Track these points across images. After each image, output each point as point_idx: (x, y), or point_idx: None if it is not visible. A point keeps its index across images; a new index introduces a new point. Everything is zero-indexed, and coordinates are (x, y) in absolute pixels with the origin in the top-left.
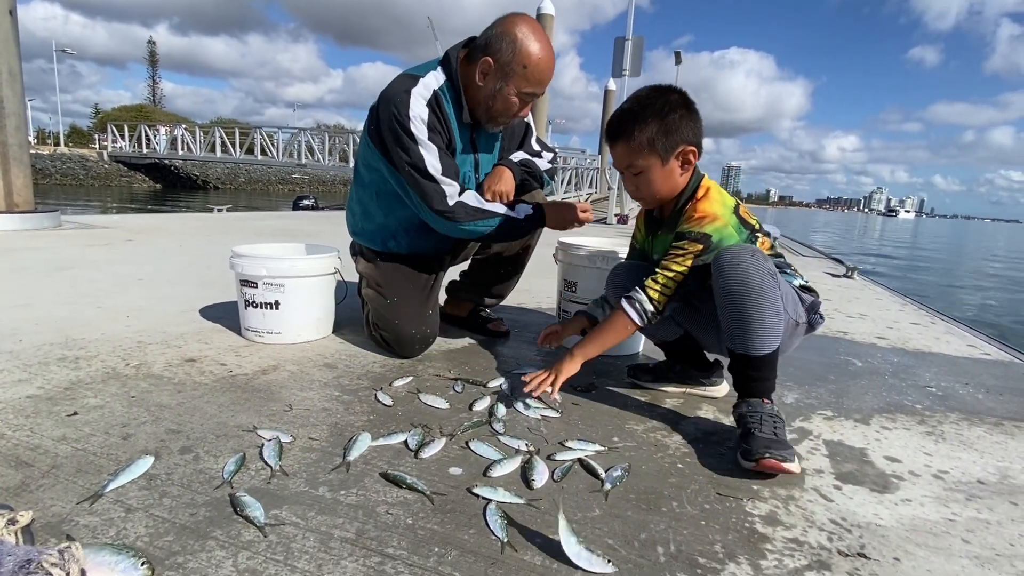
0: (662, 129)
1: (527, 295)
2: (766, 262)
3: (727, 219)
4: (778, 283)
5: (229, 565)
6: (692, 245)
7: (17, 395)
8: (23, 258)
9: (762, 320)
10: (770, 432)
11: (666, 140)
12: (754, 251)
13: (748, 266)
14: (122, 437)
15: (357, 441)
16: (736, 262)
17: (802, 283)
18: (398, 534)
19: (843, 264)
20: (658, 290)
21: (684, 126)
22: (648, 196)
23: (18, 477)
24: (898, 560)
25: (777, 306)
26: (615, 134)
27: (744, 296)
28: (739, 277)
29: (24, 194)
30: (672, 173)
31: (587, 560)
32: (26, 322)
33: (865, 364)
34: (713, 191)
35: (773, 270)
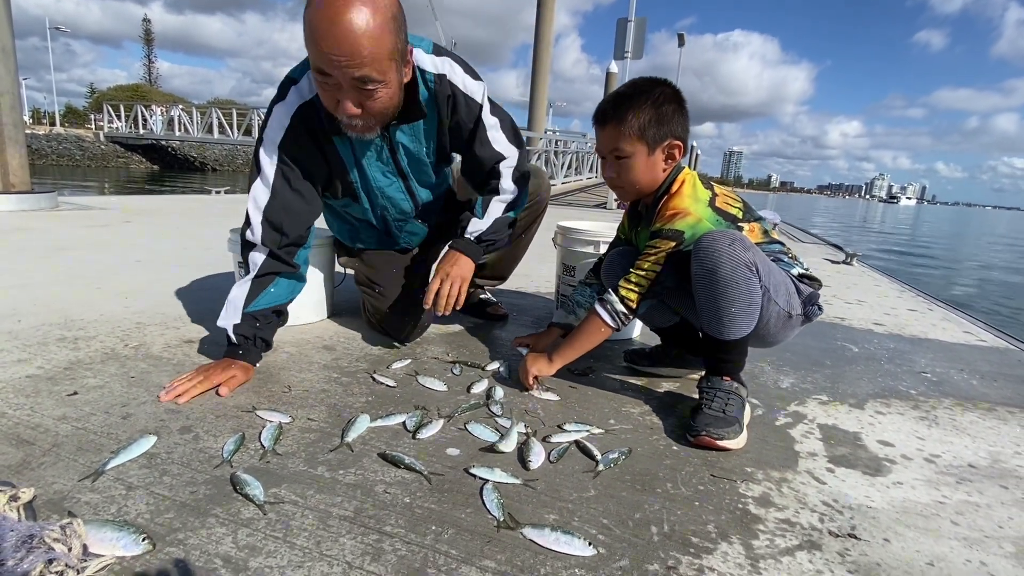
0: (655, 118)
1: (526, 279)
2: (745, 252)
3: (700, 213)
4: (755, 273)
5: (229, 541)
6: (664, 243)
7: (17, 375)
8: (20, 239)
9: (731, 309)
10: (718, 410)
11: (657, 130)
12: (733, 239)
13: (720, 255)
14: (122, 417)
15: (356, 422)
16: (710, 250)
17: (802, 271)
18: (396, 512)
19: (842, 250)
20: (631, 289)
21: (676, 120)
22: (627, 185)
23: (19, 455)
24: (888, 541)
25: (749, 296)
26: (606, 116)
27: (714, 285)
28: (709, 265)
29: (20, 174)
30: (655, 165)
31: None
32: (25, 302)
33: (862, 350)
34: (686, 186)
35: (751, 260)
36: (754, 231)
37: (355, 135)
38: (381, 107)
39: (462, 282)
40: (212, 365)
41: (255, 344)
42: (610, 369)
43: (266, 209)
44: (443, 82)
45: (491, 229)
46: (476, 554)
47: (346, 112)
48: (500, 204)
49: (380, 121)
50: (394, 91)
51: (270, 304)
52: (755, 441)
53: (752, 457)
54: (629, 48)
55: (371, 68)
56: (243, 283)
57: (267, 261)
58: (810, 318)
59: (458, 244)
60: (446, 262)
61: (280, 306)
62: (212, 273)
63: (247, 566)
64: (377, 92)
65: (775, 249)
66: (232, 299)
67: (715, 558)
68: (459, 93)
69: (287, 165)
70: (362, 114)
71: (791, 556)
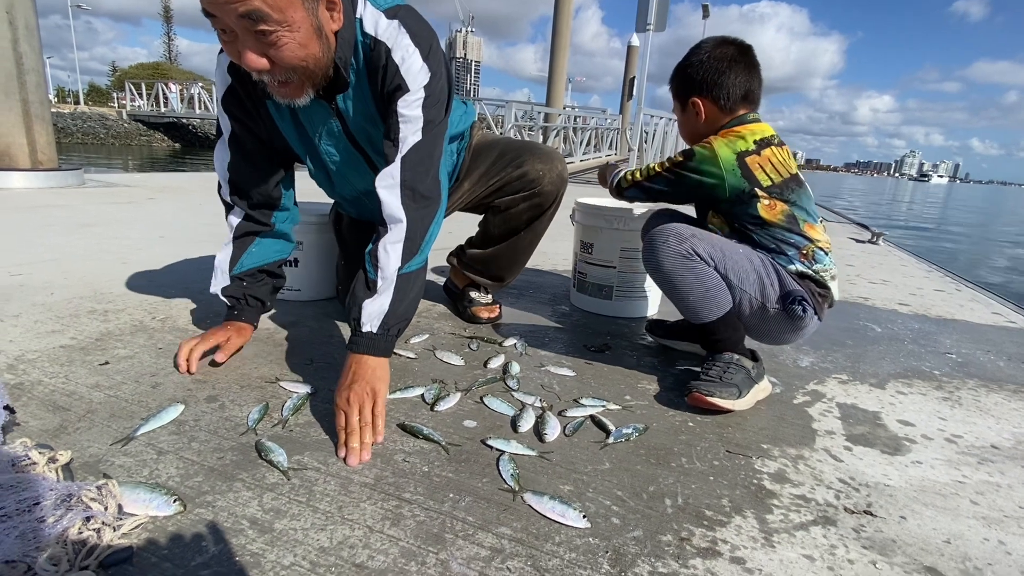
0: (679, 77)
1: (543, 257)
2: (680, 244)
3: (720, 152)
4: (698, 260)
5: (255, 504)
6: (680, 155)
7: (51, 344)
8: (50, 215)
9: (688, 298)
10: (715, 376)
11: (679, 88)
12: (668, 235)
13: (656, 251)
14: (151, 386)
15: None
16: (648, 248)
17: (804, 270)
18: (415, 480)
19: (868, 229)
20: (633, 172)
21: (701, 76)
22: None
23: (56, 420)
24: (904, 519)
25: (700, 283)
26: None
27: (662, 280)
28: (652, 264)
29: (48, 152)
30: (689, 120)
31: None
32: (56, 276)
33: (885, 330)
34: (732, 134)
35: (688, 250)
36: (773, 208)
37: (283, 100)
38: (291, 56)
39: (375, 397)
40: (210, 331)
41: (248, 304)
42: (627, 346)
43: (228, 168)
44: (379, 50)
45: (395, 304)
46: (492, 521)
47: (249, 64)
48: (393, 251)
49: (304, 79)
50: (305, 37)
51: (255, 264)
52: (772, 419)
53: (768, 434)
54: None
55: (260, 1)
56: (225, 247)
57: (242, 223)
58: (792, 317)
59: (356, 344)
60: (345, 382)
61: (266, 265)
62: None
63: (272, 528)
64: (279, 37)
65: (786, 238)
66: (218, 264)
67: (728, 531)
68: (392, 67)
69: (236, 122)
70: (272, 68)
71: (805, 531)
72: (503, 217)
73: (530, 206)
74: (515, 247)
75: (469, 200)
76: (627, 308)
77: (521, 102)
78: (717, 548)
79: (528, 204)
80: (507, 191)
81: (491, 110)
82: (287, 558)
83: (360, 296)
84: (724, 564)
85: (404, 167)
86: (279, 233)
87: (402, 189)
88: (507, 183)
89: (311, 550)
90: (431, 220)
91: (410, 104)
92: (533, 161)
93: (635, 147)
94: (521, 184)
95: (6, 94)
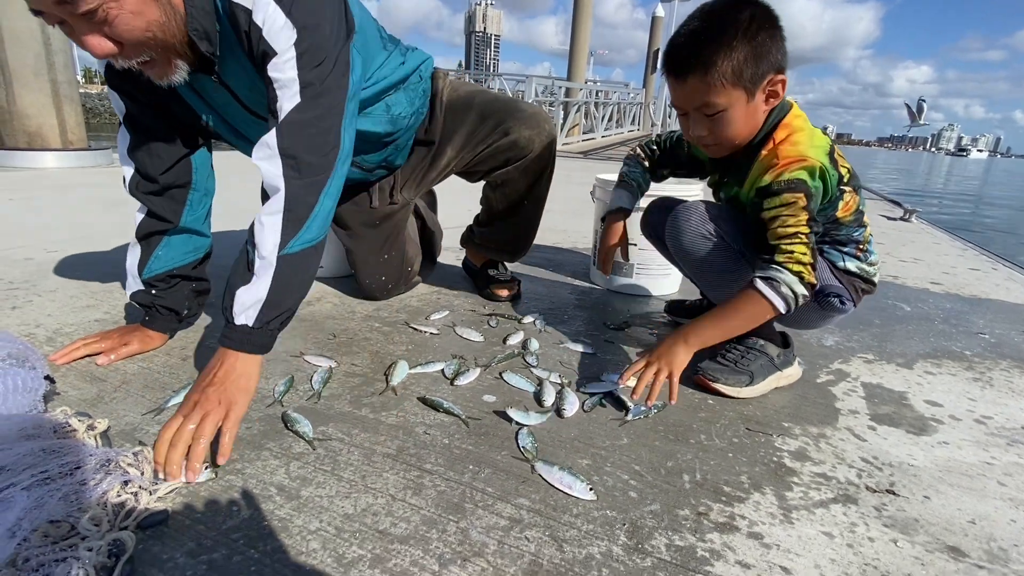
0: (752, 54)
1: (562, 235)
2: (703, 224)
3: (819, 160)
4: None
5: (282, 472)
6: (790, 196)
7: (87, 319)
8: (80, 194)
9: (705, 279)
10: (732, 360)
11: (756, 68)
12: (691, 214)
13: (678, 228)
14: (181, 358)
15: (396, 368)
16: (671, 225)
17: (856, 267)
18: (435, 452)
19: (900, 206)
20: (801, 260)
21: (774, 48)
22: (724, 141)
23: (94, 390)
24: (928, 498)
25: (719, 264)
26: (686, 64)
27: (682, 257)
28: (673, 242)
29: (77, 132)
30: (757, 111)
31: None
32: (89, 253)
33: (914, 309)
34: (800, 133)
35: (710, 231)
36: (849, 206)
37: (159, 81)
38: (130, 28)
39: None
40: (116, 330)
41: (159, 312)
42: (646, 323)
43: (129, 152)
44: (237, 13)
45: (275, 293)
46: (511, 492)
47: (95, 50)
48: (269, 225)
49: (162, 52)
50: (135, 3)
51: (163, 268)
52: (794, 398)
53: (790, 413)
54: None
55: None
56: (132, 248)
57: (144, 220)
58: (823, 308)
59: (227, 338)
60: (202, 381)
61: (177, 270)
62: None
63: (299, 495)
64: (107, 12)
65: (849, 235)
66: (128, 267)
67: (747, 507)
68: (254, 32)
69: (126, 98)
70: (122, 50)
71: (825, 508)
72: (502, 192)
73: (526, 174)
74: (522, 217)
75: (457, 167)
76: (648, 286)
77: (541, 76)
78: (735, 523)
79: (523, 173)
80: (497, 160)
81: (511, 85)
82: (313, 523)
83: (235, 281)
84: (742, 539)
85: (281, 134)
86: (187, 229)
87: (282, 159)
88: (496, 152)
89: (336, 516)
90: (319, 191)
91: (280, 67)
92: (520, 127)
93: (658, 122)
94: (512, 154)
95: (36, 75)
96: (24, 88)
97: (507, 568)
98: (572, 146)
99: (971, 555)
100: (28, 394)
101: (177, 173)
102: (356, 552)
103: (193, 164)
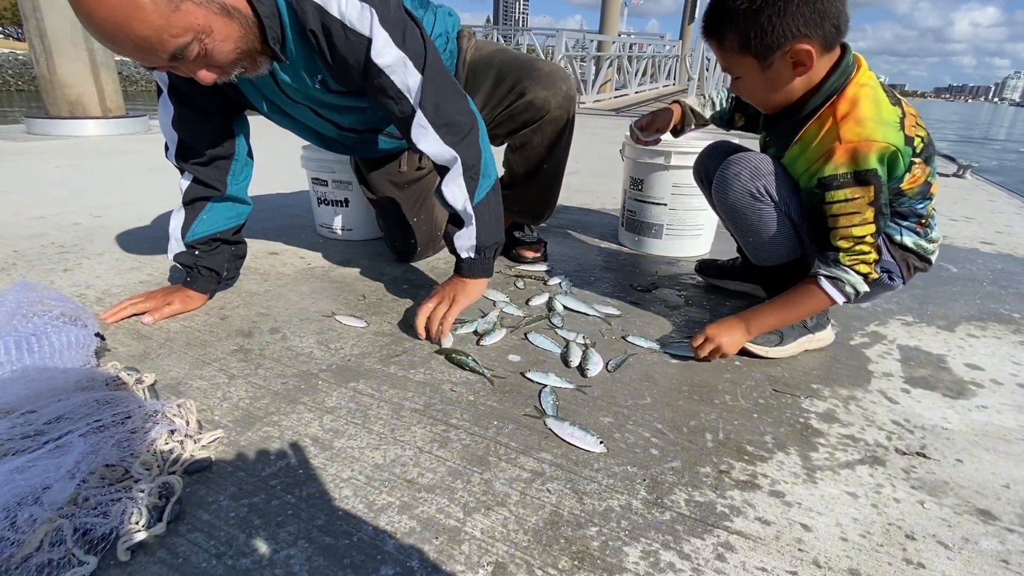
0: (756, 25)
1: (591, 196)
2: (753, 180)
3: (892, 140)
4: (767, 201)
5: (316, 425)
6: (857, 191)
7: (132, 280)
8: (121, 161)
9: (748, 238)
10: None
11: (764, 38)
12: (743, 166)
13: (726, 182)
14: (220, 317)
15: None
16: (720, 177)
17: (914, 242)
18: (461, 408)
19: (954, 162)
20: (867, 260)
21: (790, 15)
22: (756, 103)
23: (140, 347)
24: (960, 462)
25: (762, 225)
26: (708, 30)
27: (726, 213)
28: (719, 195)
29: (115, 99)
30: (779, 79)
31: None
32: (131, 218)
33: (961, 270)
34: (865, 104)
35: (758, 188)
36: (917, 178)
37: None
38: (225, 54)
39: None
40: (160, 290)
41: (200, 273)
42: (675, 286)
43: (173, 125)
44: (306, 9)
45: (481, 233)
46: (534, 447)
47: (204, 81)
48: (458, 189)
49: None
50: (221, 30)
51: (206, 232)
52: (825, 359)
53: (820, 375)
54: None
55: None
56: (176, 212)
57: (190, 187)
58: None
59: (459, 269)
60: (448, 286)
61: (220, 234)
62: (294, 190)
63: (332, 446)
64: (204, 49)
65: (912, 208)
66: (171, 231)
67: (770, 466)
68: (332, 24)
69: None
70: (223, 71)
71: (851, 469)
72: (521, 154)
73: (543, 136)
74: (544, 179)
75: None
76: (678, 247)
77: (572, 30)
78: (756, 482)
79: (541, 135)
80: (515, 122)
81: (540, 40)
82: (345, 472)
83: (451, 230)
84: (763, 496)
85: (425, 111)
86: (232, 197)
87: (437, 130)
88: (513, 114)
89: (367, 466)
90: (477, 141)
91: (382, 53)
92: (535, 88)
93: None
94: (528, 115)
95: (73, 44)
96: (63, 57)
97: (529, 517)
98: (604, 103)
99: (1002, 519)
100: (81, 350)
101: (222, 144)
102: (385, 499)
103: (235, 133)
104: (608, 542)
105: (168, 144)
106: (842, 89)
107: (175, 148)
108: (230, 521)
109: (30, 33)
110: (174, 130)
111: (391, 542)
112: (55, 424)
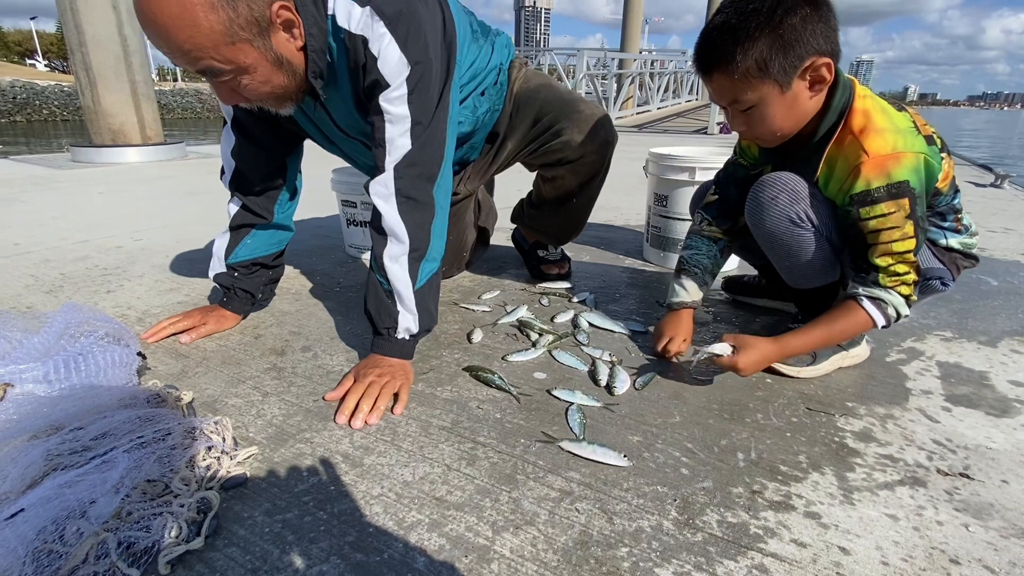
0: (778, 43)
1: (615, 212)
2: (791, 205)
3: (917, 147)
4: (807, 227)
5: (347, 442)
6: (893, 205)
7: (170, 301)
8: (159, 186)
9: (785, 263)
10: None
11: (784, 57)
12: (779, 192)
13: (763, 207)
14: (254, 337)
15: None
16: (753, 201)
17: (958, 242)
18: (488, 426)
19: (991, 171)
20: (907, 281)
21: (810, 31)
22: (766, 135)
23: (179, 366)
24: (1006, 483)
25: (801, 250)
26: (708, 61)
27: (762, 238)
28: (754, 219)
29: (154, 127)
30: (797, 100)
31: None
32: (169, 240)
33: (1002, 283)
34: (876, 116)
35: (798, 214)
36: (948, 174)
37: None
38: (257, 93)
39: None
40: (197, 310)
41: (236, 294)
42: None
43: (233, 155)
44: (356, 45)
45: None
46: (562, 466)
47: (227, 102)
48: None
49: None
50: (265, 74)
51: (248, 256)
52: (860, 377)
53: (855, 393)
54: None
55: (207, 60)
56: (222, 235)
57: (239, 212)
58: (923, 293)
59: (378, 345)
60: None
61: (260, 259)
62: (326, 215)
63: (362, 463)
64: (238, 82)
65: (951, 205)
66: (215, 250)
67: (804, 486)
68: (370, 61)
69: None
70: (244, 101)
71: (890, 490)
72: (552, 185)
73: (576, 176)
74: (570, 212)
75: (514, 160)
76: None
77: (593, 49)
78: (791, 502)
79: (574, 175)
80: (549, 159)
81: (562, 60)
82: (376, 489)
83: (380, 304)
84: (798, 518)
85: (398, 176)
86: (276, 224)
87: (397, 198)
88: (548, 151)
89: (396, 483)
90: (430, 223)
91: (393, 100)
92: (572, 130)
93: None
94: (562, 155)
95: (116, 76)
96: (106, 89)
97: (558, 537)
98: (626, 119)
99: None
100: (124, 368)
101: (275, 175)
102: (415, 516)
103: (288, 167)
104: (639, 563)
105: (224, 169)
106: (849, 104)
107: (231, 175)
108: (265, 537)
109: (76, 66)
110: (232, 159)
111: (421, 559)
112: (101, 440)
